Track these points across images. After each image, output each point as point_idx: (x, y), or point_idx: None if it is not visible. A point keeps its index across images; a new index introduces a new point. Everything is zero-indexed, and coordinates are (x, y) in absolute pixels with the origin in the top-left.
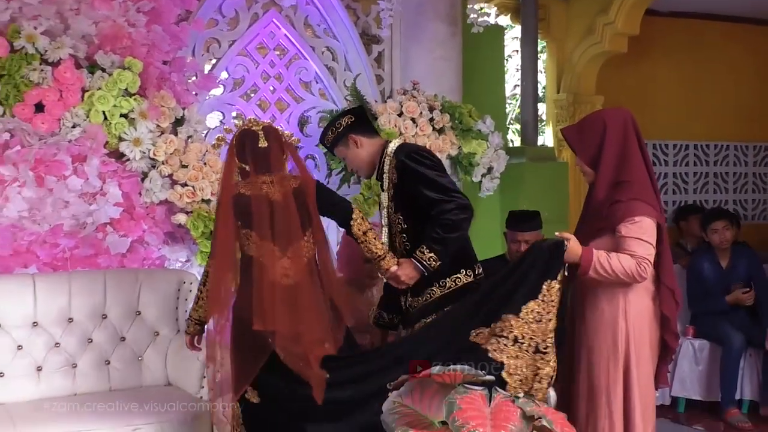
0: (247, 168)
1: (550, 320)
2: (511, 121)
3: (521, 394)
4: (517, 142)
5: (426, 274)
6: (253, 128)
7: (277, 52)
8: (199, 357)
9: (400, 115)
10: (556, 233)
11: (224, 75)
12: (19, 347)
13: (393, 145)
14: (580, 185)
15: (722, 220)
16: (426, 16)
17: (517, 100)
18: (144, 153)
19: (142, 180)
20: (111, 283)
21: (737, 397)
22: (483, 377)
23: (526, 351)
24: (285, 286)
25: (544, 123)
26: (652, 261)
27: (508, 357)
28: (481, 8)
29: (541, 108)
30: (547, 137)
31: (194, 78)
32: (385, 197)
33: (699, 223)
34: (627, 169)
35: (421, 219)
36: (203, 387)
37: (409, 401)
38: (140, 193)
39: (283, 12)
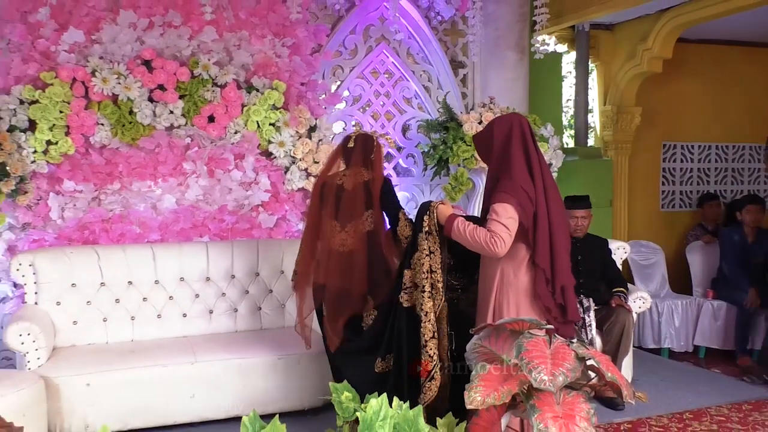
0: (343, 163)
1: (422, 264)
2: (565, 128)
3: (575, 340)
4: (571, 144)
5: None
6: (351, 136)
7: (386, 75)
8: None
9: (480, 123)
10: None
11: (346, 93)
12: (197, 296)
13: None
14: (621, 177)
15: (758, 204)
16: (500, 46)
17: (571, 111)
18: (286, 152)
19: (285, 172)
20: (262, 250)
21: (749, 347)
22: (544, 326)
23: (420, 292)
24: (341, 253)
25: (593, 129)
26: (506, 238)
27: (415, 301)
28: (543, 40)
29: (591, 117)
30: (595, 140)
31: (324, 96)
32: None
33: (716, 209)
34: (505, 166)
35: None
36: None
37: (486, 343)
38: (283, 183)
39: (391, 44)
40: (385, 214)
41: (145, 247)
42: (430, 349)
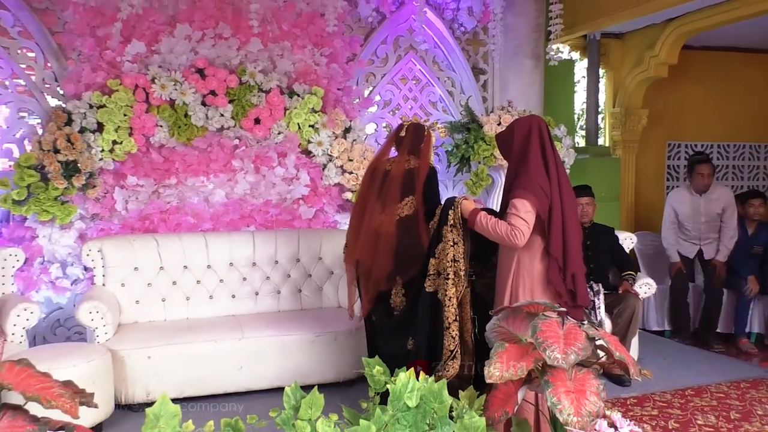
0: (395, 149)
1: (447, 254)
2: (577, 129)
3: (585, 322)
4: (583, 143)
5: None
6: (405, 124)
7: (414, 82)
8: None
9: (499, 124)
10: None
11: (378, 98)
12: (244, 279)
13: None
14: (628, 174)
15: (759, 198)
16: (518, 54)
17: (583, 113)
18: (324, 151)
19: (323, 169)
20: (303, 239)
21: (747, 330)
22: (558, 309)
23: (444, 279)
24: (377, 233)
25: (603, 129)
26: (525, 231)
27: (437, 287)
28: (557, 48)
29: (601, 118)
30: (604, 140)
31: (358, 100)
32: None
33: None
34: (524, 164)
35: None
36: None
37: (505, 324)
38: (321, 178)
39: (418, 53)
40: (424, 205)
41: (199, 235)
42: (453, 330)
